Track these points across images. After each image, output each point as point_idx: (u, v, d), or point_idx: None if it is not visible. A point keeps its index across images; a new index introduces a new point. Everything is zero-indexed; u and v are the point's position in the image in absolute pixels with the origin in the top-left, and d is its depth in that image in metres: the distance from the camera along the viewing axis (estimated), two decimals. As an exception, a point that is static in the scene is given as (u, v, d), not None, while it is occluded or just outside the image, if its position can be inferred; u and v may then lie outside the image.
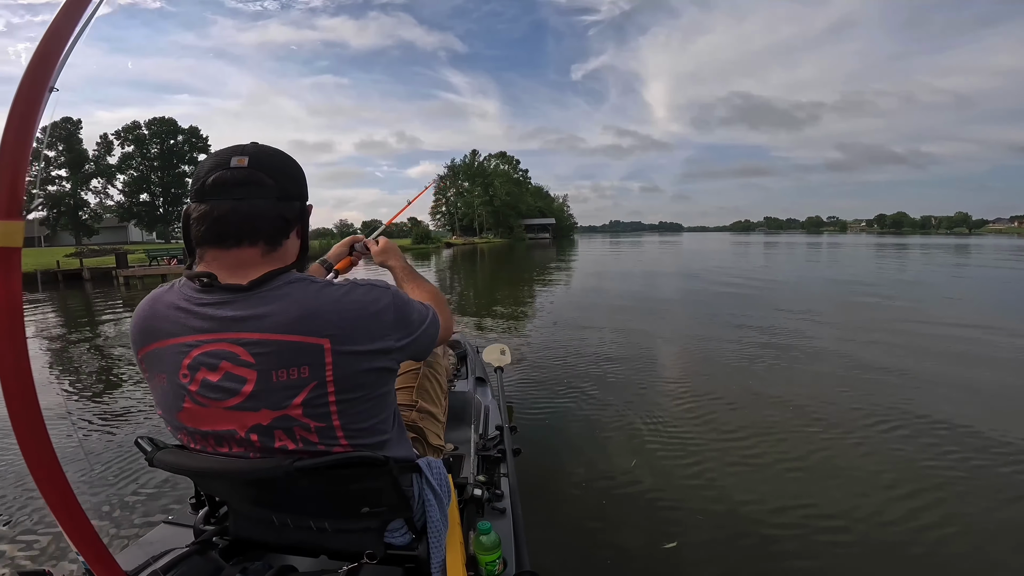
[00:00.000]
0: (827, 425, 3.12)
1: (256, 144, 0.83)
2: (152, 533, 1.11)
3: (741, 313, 7.25)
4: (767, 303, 8.29)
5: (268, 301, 0.75)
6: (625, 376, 4.22)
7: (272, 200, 0.80)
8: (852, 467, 2.59)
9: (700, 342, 5.48)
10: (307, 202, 0.88)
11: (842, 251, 28.84)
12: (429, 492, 0.92)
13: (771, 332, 5.86)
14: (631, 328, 6.29)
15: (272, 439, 0.75)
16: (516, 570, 1.04)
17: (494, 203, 73.11)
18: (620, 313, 7.62)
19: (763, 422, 3.18)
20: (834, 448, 2.80)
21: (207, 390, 0.74)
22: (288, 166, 0.84)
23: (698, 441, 2.92)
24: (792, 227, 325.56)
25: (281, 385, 0.73)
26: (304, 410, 0.74)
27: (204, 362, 0.74)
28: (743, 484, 2.43)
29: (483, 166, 77.71)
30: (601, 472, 2.55)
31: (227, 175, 0.77)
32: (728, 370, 4.38)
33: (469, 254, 33.86)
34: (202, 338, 0.74)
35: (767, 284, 11.46)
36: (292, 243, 0.86)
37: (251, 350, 0.73)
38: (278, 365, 0.73)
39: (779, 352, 4.95)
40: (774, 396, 3.66)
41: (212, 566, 0.85)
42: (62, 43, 0.54)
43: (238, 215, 0.77)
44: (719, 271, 15.38)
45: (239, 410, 0.74)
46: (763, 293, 9.82)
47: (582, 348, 5.23)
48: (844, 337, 5.61)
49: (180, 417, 0.78)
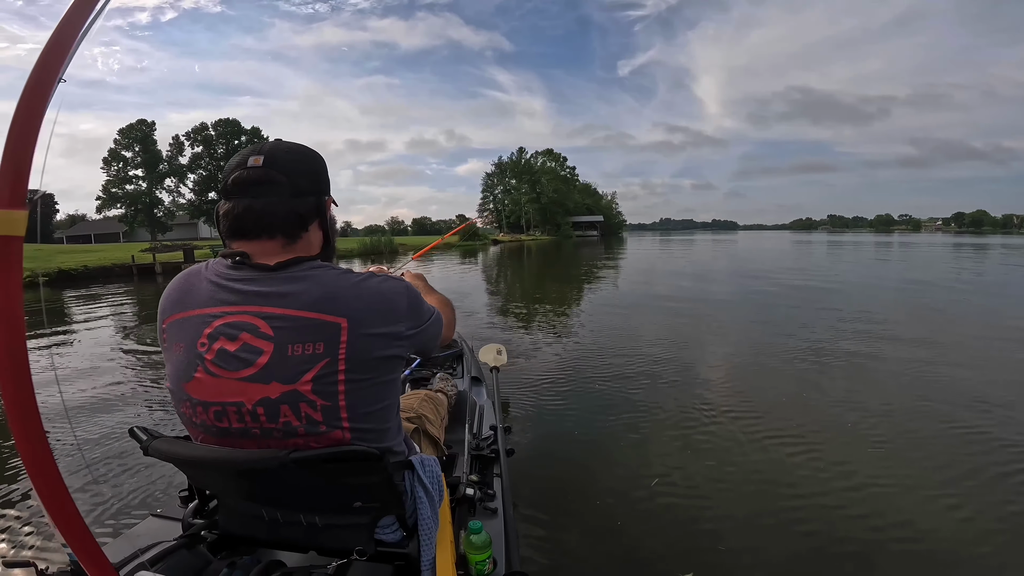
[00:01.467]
0: (894, 450, 2.86)
1: (275, 142, 0.88)
2: (140, 526, 1.11)
3: (798, 317, 6.85)
4: (829, 306, 7.78)
5: (293, 281, 0.80)
6: (646, 376, 4.09)
7: (285, 197, 0.84)
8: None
9: (749, 349, 5.22)
10: (325, 196, 0.91)
11: (915, 251, 26.78)
12: (421, 490, 0.92)
13: (831, 339, 5.49)
14: (671, 330, 6.08)
15: (278, 414, 0.76)
16: (506, 570, 1.03)
17: (541, 200, 72.84)
18: (663, 314, 7.39)
19: (809, 439, 2.96)
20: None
21: (222, 360, 0.77)
22: (303, 163, 0.87)
23: (721, 446, 2.79)
24: (859, 225, 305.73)
25: (295, 360, 0.76)
26: (314, 386, 0.76)
27: (224, 332, 0.77)
28: (758, 503, 2.26)
29: (530, 163, 77.51)
30: (611, 478, 2.49)
31: (244, 175, 0.83)
32: (776, 378, 4.14)
33: (516, 251, 33.92)
34: (227, 309, 0.79)
35: (831, 286, 10.77)
36: (313, 235, 0.89)
37: (272, 323, 0.77)
38: (295, 340, 0.76)
39: (833, 360, 4.63)
40: (825, 406, 3.43)
41: (199, 560, 0.85)
42: (72, 35, 0.54)
43: (254, 213, 0.82)
44: (777, 272, 14.64)
45: (250, 381, 0.76)
46: (825, 296, 9.24)
47: (613, 351, 5.10)
48: (923, 351, 5.12)
49: (188, 388, 0.79)
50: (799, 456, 2.67)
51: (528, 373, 4.26)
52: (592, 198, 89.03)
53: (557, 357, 4.83)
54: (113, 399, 3.80)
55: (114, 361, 5.03)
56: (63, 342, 6.21)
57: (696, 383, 3.97)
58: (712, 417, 3.22)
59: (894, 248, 30.22)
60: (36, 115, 0.52)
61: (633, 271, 16.16)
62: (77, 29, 0.54)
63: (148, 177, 40.21)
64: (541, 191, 73.05)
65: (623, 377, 4.14)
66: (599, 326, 6.36)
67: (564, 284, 12.37)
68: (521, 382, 3.97)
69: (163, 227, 41.74)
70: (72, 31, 0.54)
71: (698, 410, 3.35)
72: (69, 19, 0.53)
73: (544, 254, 29.28)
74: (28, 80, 0.52)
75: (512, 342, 5.46)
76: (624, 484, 2.43)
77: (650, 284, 12.02)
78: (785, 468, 2.55)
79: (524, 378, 4.10)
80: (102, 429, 3.13)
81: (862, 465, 2.56)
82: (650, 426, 3.12)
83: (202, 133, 44.22)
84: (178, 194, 43.39)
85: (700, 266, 17.72)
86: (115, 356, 5.28)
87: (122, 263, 18.92)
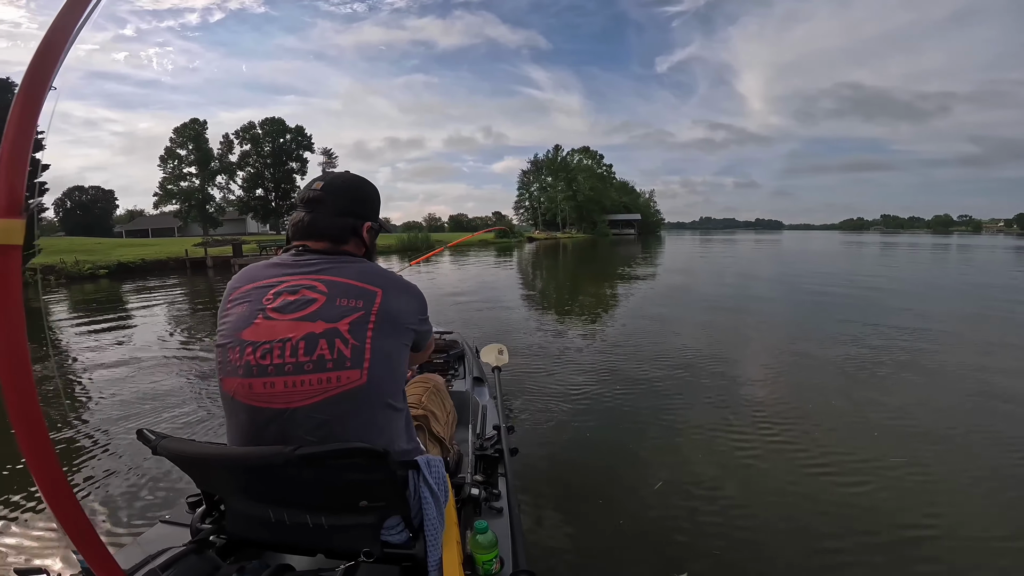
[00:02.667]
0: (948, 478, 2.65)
1: (337, 174, 1.16)
2: (150, 532, 1.13)
3: (849, 324, 6.49)
4: (884, 314, 7.36)
5: (343, 262, 1.02)
6: (671, 380, 3.95)
7: (331, 215, 1.07)
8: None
9: (789, 357, 4.98)
10: (366, 221, 1.11)
11: (976, 253, 25.05)
12: (426, 490, 0.94)
13: (887, 349, 5.16)
14: (705, 331, 5.89)
15: (315, 347, 0.89)
16: (513, 569, 1.03)
17: (577, 198, 72.23)
18: (699, 313, 7.17)
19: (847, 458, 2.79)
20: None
21: (282, 306, 0.93)
22: (349, 192, 1.12)
23: (746, 461, 2.65)
24: (915, 226, 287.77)
25: (340, 308, 0.94)
26: (350, 327, 0.93)
27: (287, 289, 0.96)
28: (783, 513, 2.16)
29: (566, 161, 76.93)
30: (619, 479, 2.46)
31: (309, 194, 1.10)
32: (818, 390, 3.93)
33: (551, 249, 33.80)
34: (291, 277, 0.98)
35: (887, 291, 10.20)
36: (354, 247, 1.11)
37: (326, 284, 0.97)
38: (342, 296, 0.95)
39: (890, 373, 4.36)
40: (868, 419, 3.22)
41: (209, 565, 0.86)
42: (62, 42, 0.54)
43: (308, 222, 1.07)
44: (825, 274, 13.99)
45: (302, 320, 0.92)
46: (880, 301, 8.76)
47: (640, 353, 4.97)
48: (983, 362, 4.80)
49: (245, 334, 0.92)
50: (847, 487, 2.53)
51: (549, 373, 4.23)
52: (629, 196, 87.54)
53: (579, 355, 4.76)
54: (134, 400, 3.84)
55: (143, 363, 5.04)
56: (98, 340, 6.57)
57: (725, 388, 3.83)
58: (732, 428, 3.10)
59: (951, 250, 28.36)
60: (29, 124, 0.52)
61: (670, 270, 15.79)
62: (66, 37, 0.54)
63: (200, 174, 42.10)
64: (577, 189, 72.42)
65: (646, 380, 4.04)
66: (629, 328, 6.23)
67: (598, 283, 12.20)
68: (540, 382, 3.95)
69: (214, 222, 43.62)
70: (61, 39, 0.54)
71: (721, 418, 3.24)
72: (57, 28, 0.53)
73: (579, 252, 29.03)
74: (19, 88, 0.52)
75: (533, 343, 5.42)
76: (632, 484, 2.42)
77: (688, 285, 11.72)
78: (826, 498, 2.40)
79: (545, 379, 4.07)
80: (109, 435, 3.15)
81: (906, 497, 2.40)
82: (673, 432, 3.04)
83: (250, 132, 46.00)
84: (228, 191, 45.29)
85: (742, 266, 17.15)
86: (147, 357, 5.34)
87: (176, 257, 19.93)
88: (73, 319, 8.23)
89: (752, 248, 31.99)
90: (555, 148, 77.84)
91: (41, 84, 0.53)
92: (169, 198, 41.81)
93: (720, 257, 22.64)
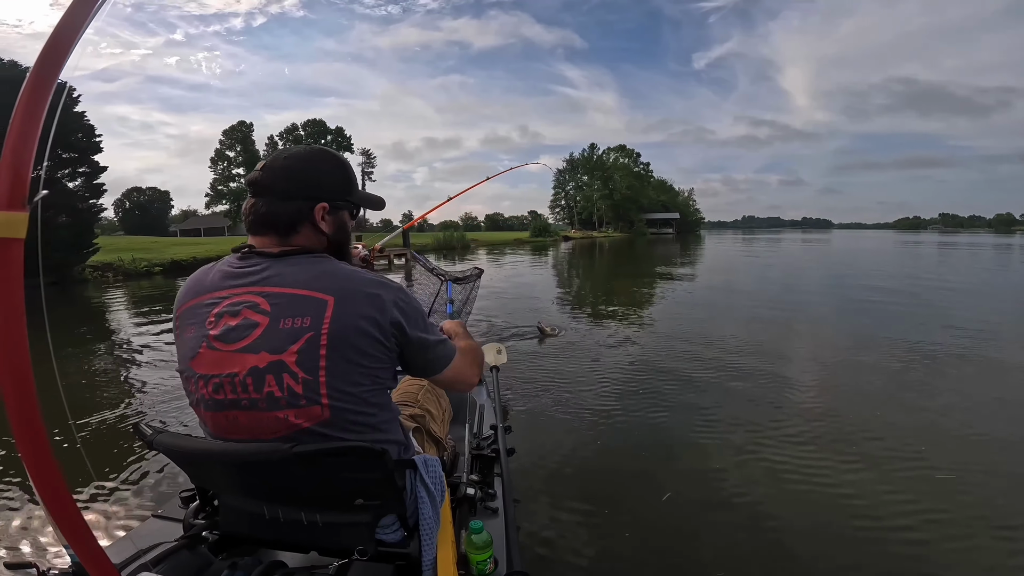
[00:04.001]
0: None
1: (282, 150, 0.96)
2: (141, 527, 1.12)
3: (909, 332, 6.11)
4: (945, 319, 6.89)
5: (292, 264, 0.87)
6: (695, 387, 3.78)
7: (275, 200, 0.91)
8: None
9: (839, 368, 4.70)
10: (319, 203, 0.92)
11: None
12: (422, 489, 0.92)
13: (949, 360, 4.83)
14: (745, 333, 5.65)
15: (263, 383, 0.80)
16: (507, 570, 1.02)
17: (614, 197, 71.32)
18: (741, 316, 6.91)
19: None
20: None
21: (224, 334, 0.83)
22: (296, 170, 0.93)
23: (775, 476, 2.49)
24: (976, 225, 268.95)
25: (284, 332, 0.81)
26: (298, 358, 0.80)
27: (229, 310, 0.84)
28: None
29: (602, 159, 76.09)
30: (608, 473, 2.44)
31: (250, 177, 0.94)
32: (864, 402, 3.69)
33: (587, 248, 33.49)
34: (234, 291, 0.85)
35: (950, 291, 9.57)
36: (308, 236, 0.93)
37: (271, 300, 0.83)
38: (287, 314, 0.82)
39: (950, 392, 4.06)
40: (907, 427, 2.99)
41: (201, 560, 0.85)
42: (72, 36, 0.54)
43: (255, 211, 0.92)
44: (880, 275, 13.26)
45: (244, 352, 0.81)
46: (942, 305, 8.22)
47: (669, 357, 4.81)
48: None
49: (194, 364, 0.84)
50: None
51: (572, 375, 4.15)
52: (667, 195, 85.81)
53: (601, 360, 4.65)
54: (134, 395, 3.87)
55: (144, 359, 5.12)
56: (137, 333, 6.88)
57: (754, 397, 3.64)
58: (762, 442, 2.94)
59: (1016, 251, 26.36)
60: (35, 116, 0.52)
61: (710, 270, 15.34)
62: (75, 32, 0.54)
63: (248, 174, 44.02)
64: (614, 187, 71.50)
65: (670, 387, 3.90)
66: (664, 330, 6.06)
67: (633, 283, 11.96)
68: (565, 385, 3.88)
69: (260, 222, 45.41)
70: (70, 34, 0.53)
71: (750, 434, 3.07)
72: (66, 22, 0.53)
73: (615, 252, 28.65)
74: (26, 82, 0.52)
75: (560, 344, 5.34)
76: (639, 491, 2.37)
77: (729, 286, 11.34)
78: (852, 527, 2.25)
79: (570, 383, 3.99)
80: (109, 428, 3.13)
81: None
82: (690, 444, 2.90)
83: (293, 133, 47.69)
84: (273, 191, 47.19)
85: (786, 265, 16.48)
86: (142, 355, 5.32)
87: (225, 255, 20.79)
88: (126, 312, 8.72)
89: (798, 248, 30.72)
90: (591, 147, 77.22)
91: (49, 77, 0.52)
92: (219, 198, 43.81)
93: (763, 256, 21.84)
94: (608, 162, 75.87)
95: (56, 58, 0.53)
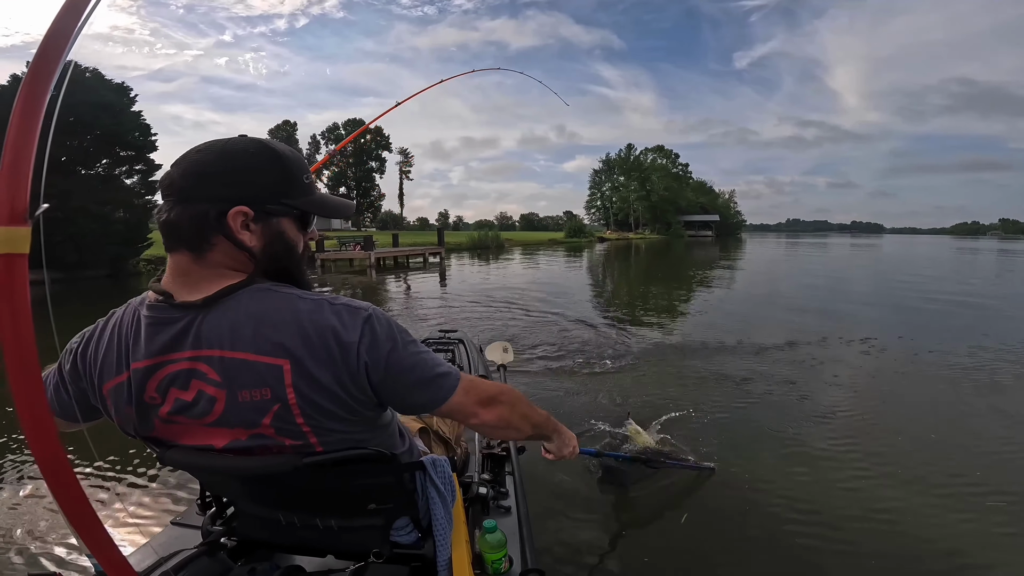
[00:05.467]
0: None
1: (207, 142, 0.75)
2: (160, 534, 1.15)
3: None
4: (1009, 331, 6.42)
5: (230, 313, 0.70)
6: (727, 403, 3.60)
7: (179, 203, 0.71)
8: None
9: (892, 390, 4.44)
10: (233, 206, 0.70)
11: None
12: (433, 490, 0.90)
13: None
14: (784, 348, 5.40)
15: (251, 451, 0.74)
16: (522, 568, 1.02)
17: (651, 198, 70.16)
18: (780, 328, 6.62)
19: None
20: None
21: (182, 408, 0.72)
22: (203, 164, 0.71)
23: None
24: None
25: (248, 405, 0.70)
26: (275, 429, 0.71)
27: (174, 383, 0.71)
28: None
29: (639, 160, 74.93)
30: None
31: (163, 177, 0.75)
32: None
33: (623, 250, 33.04)
34: (169, 357, 0.71)
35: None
36: (225, 251, 0.72)
37: (216, 367, 0.69)
38: (242, 385, 0.69)
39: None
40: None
41: (221, 567, 0.86)
42: (62, 46, 0.52)
43: (160, 217, 0.73)
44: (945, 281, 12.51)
45: (215, 427, 0.72)
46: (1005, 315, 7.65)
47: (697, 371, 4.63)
48: None
49: (155, 434, 0.76)
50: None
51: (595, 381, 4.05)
52: (707, 196, 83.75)
53: (625, 370, 4.53)
54: None
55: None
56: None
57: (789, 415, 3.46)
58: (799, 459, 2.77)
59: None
60: (31, 128, 0.51)
61: (751, 275, 14.84)
62: (65, 41, 0.52)
63: (291, 174, 45.83)
64: (651, 188, 70.35)
65: (700, 399, 3.75)
66: (695, 330, 5.86)
67: (670, 287, 11.70)
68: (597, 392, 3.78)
69: (303, 219, 47.20)
70: (60, 43, 0.52)
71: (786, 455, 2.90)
72: (55, 31, 0.51)
73: (652, 254, 28.15)
74: (20, 92, 0.50)
75: (590, 347, 5.24)
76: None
77: (772, 294, 10.92)
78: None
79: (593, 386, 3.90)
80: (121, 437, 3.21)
81: None
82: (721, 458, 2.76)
83: (334, 132, 49.14)
84: (316, 189, 49.03)
85: (834, 271, 15.76)
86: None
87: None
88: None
89: (847, 253, 29.38)
90: (627, 147, 76.20)
91: (42, 87, 0.51)
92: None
93: (809, 261, 20.99)
94: (645, 163, 74.69)
95: (48, 68, 0.51)
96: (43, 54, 0.50)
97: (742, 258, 23.46)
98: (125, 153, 16.42)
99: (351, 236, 28.34)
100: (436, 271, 16.43)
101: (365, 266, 17.14)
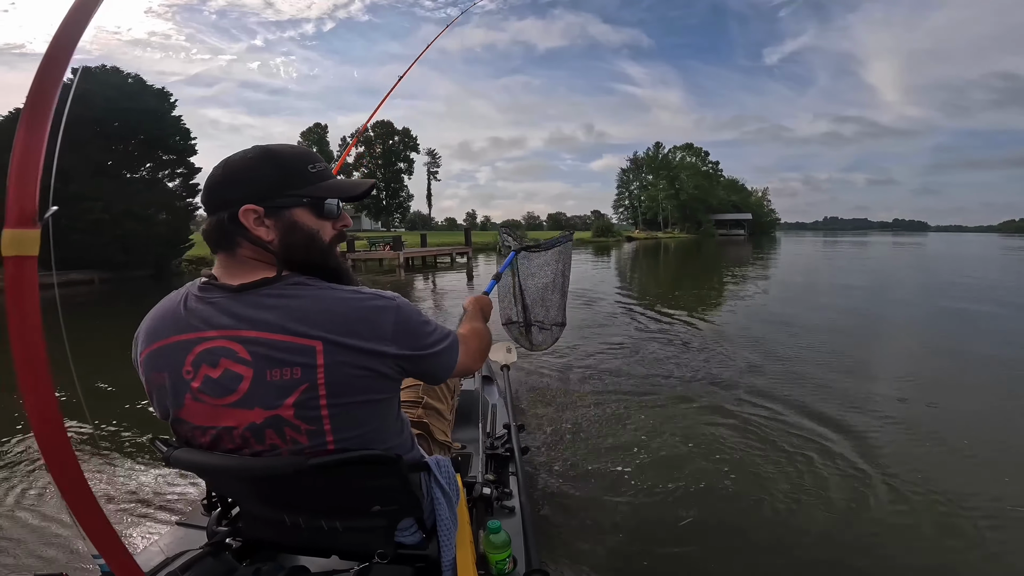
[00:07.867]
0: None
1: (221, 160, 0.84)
2: (166, 535, 1.16)
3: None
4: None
5: (260, 299, 0.76)
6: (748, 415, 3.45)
7: (208, 215, 0.82)
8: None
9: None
10: (241, 205, 0.77)
11: None
12: (438, 491, 0.92)
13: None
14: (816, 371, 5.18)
15: (264, 437, 0.76)
16: (526, 568, 1.03)
17: (680, 197, 68.87)
18: (810, 344, 6.36)
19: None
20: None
21: (208, 387, 0.76)
22: (223, 175, 0.80)
23: None
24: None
25: (274, 385, 0.73)
26: (296, 411, 0.74)
27: (206, 359, 0.75)
28: None
29: (668, 158, 73.66)
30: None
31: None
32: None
33: (652, 249, 32.54)
34: (205, 334, 0.76)
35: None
36: (251, 249, 0.79)
37: (248, 348, 0.74)
38: (271, 364, 0.73)
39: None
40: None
41: (226, 567, 0.87)
42: (66, 56, 0.54)
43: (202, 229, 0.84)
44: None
45: (235, 407, 0.75)
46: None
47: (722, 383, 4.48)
48: None
49: (182, 414, 0.79)
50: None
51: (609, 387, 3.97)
52: (739, 194, 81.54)
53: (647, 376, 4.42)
54: None
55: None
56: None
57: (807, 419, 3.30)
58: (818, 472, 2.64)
59: None
60: (39, 136, 0.52)
61: (785, 280, 14.37)
62: (70, 52, 0.53)
63: (322, 176, 47.24)
64: (680, 187, 69.06)
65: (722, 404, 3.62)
66: (729, 331, 5.70)
67: (700, 288, 11.43)
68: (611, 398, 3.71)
69: (333, 220, 48.47)
70: (64, 54, 0.53)
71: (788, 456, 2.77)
72: (59, 41, 0.53)
73: (681, 254, 27.60)
74: (27, 100, 0.52)
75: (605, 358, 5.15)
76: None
77: (808, 297, 10.54)
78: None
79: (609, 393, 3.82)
80: (131, 439, 3.06)
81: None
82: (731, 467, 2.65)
83: (363, 135, 49.97)
84: (345, 190, 50.44)
85: (877, 273, 15.10)
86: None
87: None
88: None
89: (890, 253, 28.15)
90: (656, 145, 75.12)
91: (49, 93, 0.52)
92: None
93: (849, 262, 20.19)
94: (675, 161, 73.36)
95: (53, 75, 0.53)
96: (48, 61, 0.52)
97: (777, 258, 22.72)
98: (167, 157, 17.11)
99: (381, 237, 28.86)
100: (463, 270, 16.54)
101: (394, 266, 17.39)
